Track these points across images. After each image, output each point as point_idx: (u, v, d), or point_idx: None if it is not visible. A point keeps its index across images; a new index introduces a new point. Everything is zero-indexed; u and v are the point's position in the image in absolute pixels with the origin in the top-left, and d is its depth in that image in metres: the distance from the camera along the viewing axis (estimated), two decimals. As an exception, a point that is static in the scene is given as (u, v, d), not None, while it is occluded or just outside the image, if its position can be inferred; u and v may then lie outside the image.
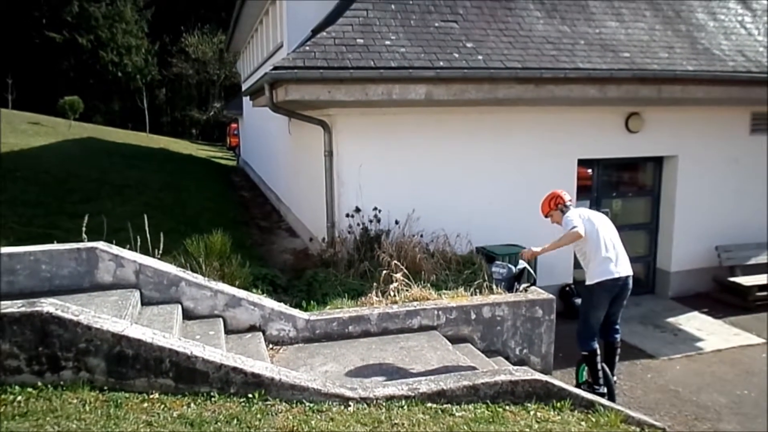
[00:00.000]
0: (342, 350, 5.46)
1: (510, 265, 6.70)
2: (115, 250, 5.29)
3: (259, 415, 3.67)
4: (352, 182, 7.76)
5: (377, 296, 6.15)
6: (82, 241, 5.50)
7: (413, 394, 4.20)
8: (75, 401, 3.50)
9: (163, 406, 3.62)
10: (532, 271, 6.75)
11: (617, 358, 5.79)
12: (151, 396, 3.71)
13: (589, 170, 9.40)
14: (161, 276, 5.31)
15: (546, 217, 5.85)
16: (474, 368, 5.14)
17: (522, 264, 6.69)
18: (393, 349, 5.50)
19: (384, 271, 6.42)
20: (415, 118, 8.00)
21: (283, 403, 3.89)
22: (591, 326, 5.53)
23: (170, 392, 3.78)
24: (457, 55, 7.54)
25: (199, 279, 5.47)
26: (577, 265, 9.17)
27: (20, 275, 5.05)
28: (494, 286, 6.47)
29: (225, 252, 6.05)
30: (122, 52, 41.59)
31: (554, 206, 5.73)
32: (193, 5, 44.21)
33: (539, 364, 6.36)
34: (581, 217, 5.45)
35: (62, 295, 4.74)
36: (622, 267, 5.43)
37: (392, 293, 6.19)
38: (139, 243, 5.84)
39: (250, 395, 3.87)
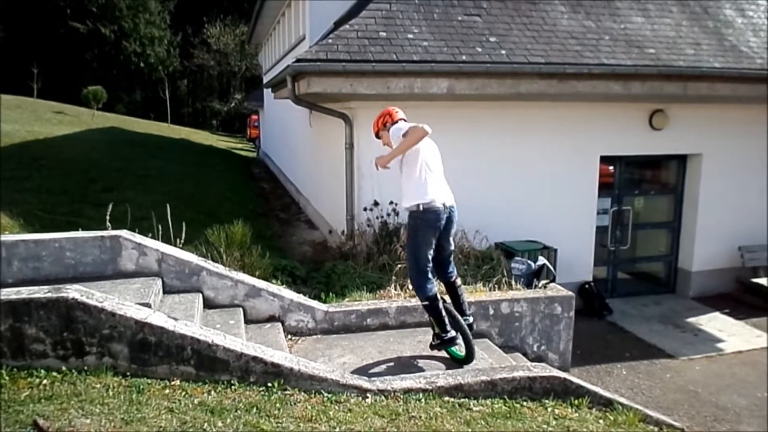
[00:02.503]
0: (360, 342, 5.48)
1: (529, 261, 6.71)
2: (138, 238, 5.36)
3: (278, 404, 3.71)
4: (372, 175, 7.75)
5: (396, 290, 6.16)
6: (105, 229, 5.58)
7: (431, 388, 4.22)
8: (98, 386, 3.56)
9: (184, 393, 3.67)
10: (551, 268, 6.75)
11: (463, 296, 5.13)
12: (173, 383, 3.77)
13: (611, 167, 9.31)
14: (183, 265, 5.37)
15: (377, 137, 5.20)
16: (492, 363, 5.14)
17: (541, 260, 6.69)
18: (411, 342, 5.51)
19: (402, 265, 6.42)
20: (436, 113, 7.97)
21: (302, 393, 3.93)
22: (422, 266, 4.74)
23: (191, 379, 3.83)
24: (479, 50, 7.51)
25: (219, 269, 5.52)
26: (597, 262, 9.17)
27: (45, 262, 5.14)
28: (513, 282, 6.45)
29: (245, 242, 6.10)
30: (145, 43, 41.97)
31: (382, 125, 5.08)
32: (215, -4, 44.45)
33: (557, 361, 6.33)
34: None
35: (86, 282, 4.82)
36: (445, 195, 4.79)
37: (410, 287, 6.18)
38: (161, 232, 5.91)
39: (269, 384, 3.91)
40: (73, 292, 3.69)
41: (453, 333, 4.82)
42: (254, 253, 6.11)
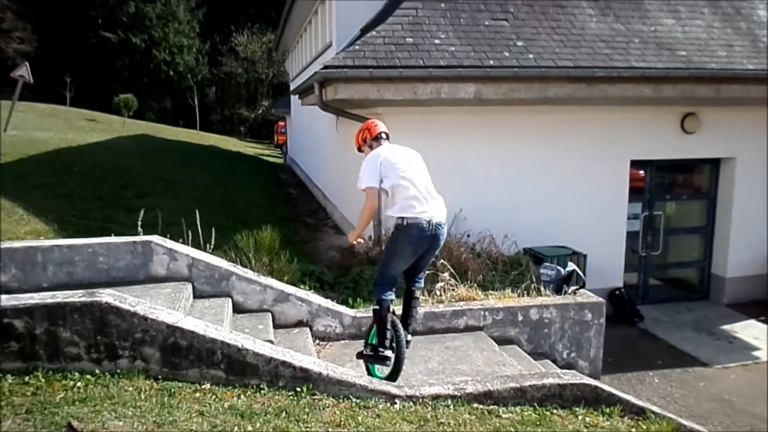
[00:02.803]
0: (388, 348, 5.47)
1: (559, 267, 6.64)
2: (169, 243, 5.44)
3: (307, 409, 3.72)
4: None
5: (423, 295, 6.13)
6: (137, 234, 5.68)
7: (459, 394, 4.19)
8: (131, 389, 3.62)
9: (214, 396, 3.71)
10: (581, 274, 6.67)
11: (415, 311, 4.87)
12: (203, 386, 3.80)
13: (642, 171, 9.17)
14: (213, 270, 5.43)
15: (360, 151, 4.84)
16: (521, 370, 5.10)
17: (571, 266, 6.62)
18: (439, 348, 5.49)
19: (431, 271, 6.41)
20: (463, 118, 7.96)
21: (331, 398, 3.93)
22: (390, 277, 4.56)
23: (221, 383, 3.86)
24: (507, 54, 7.47)
25: (249, 274, 5.57)
26: (627, 268, 9.03)
27: (79, 266, 5.25)
28: (542, 288, 6.39)
29: (274, 248, 6.14)
30: (174, 52, 42.69)
31: (362, 141, 4.77)
32: (243, 5, 45.02)
33: (587, 368, 6.25)
34: (380, 162, 4.44)
35: (118, 287, 4.90)
36: (431, 212, 4.48)
37: (438, 293, 6.18)
38: (191, 237, 5.99)
39: (298, 389, 3.92)
40: (107, 296, 3.75)
41: (389, 354, 4.44)
42: (282, 258, 6.15)
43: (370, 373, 4.65)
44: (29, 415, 3.21)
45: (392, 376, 4.54)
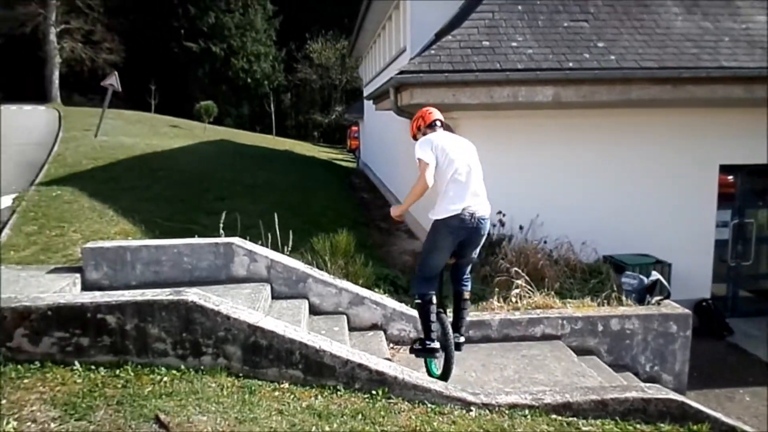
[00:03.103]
0: (462, 354, 5.36)
1: (641, 276, 6.39)
2: (249, 245, 5.60)
3: (382, 412, 3.73)
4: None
5: (498, 302, 6.04)
6: (219, 236, 5.88)
7: (537, 405, 4.09)
8: (213, 385, 3.73)
9: (292, 396, 3.77)
10: (666, 284, 6.39)
11: (465, 312, 4.80)
12: (282, 385, 3.88)
13: (731, 177, 8.69)
14: (290, 272, 5.54)
15: (414, 140, 4.75)
16: (601, 382, 4.93)
17: (655, 275, 6.35)
18: (514, 356, 5.39)
19: (505, 277, 6.31)
20: (540, 121, 7.81)
21: (406, 403, 3.92)
22: (429, 270, 4.56)
23: (299, 383, 3.93)
24: (587, 56, 7.28)
25: (325, 276, 5.66)
26: (715, 278, 8.57)
27: (165, 266, 5.49)
28: (623, 298, 6.15)
29: (349, 251, 6.21)
30: (252, 60, 44.02)
31: (416, 129, 4.75)
32: (318, 13, 45.92)
33: (671, 382, 5.96)
34: (434, 144, 4.41)
35: (201, 286, 5.06)
36: (474, 204, 4.39)
37: (514, 299, 6.06)
38: (269, 240, 6.14)
39: (373, 392, 3.93)
40: (192, 295, 3.89)
41: (435, 345, 4.48)
42: (357, 261, 6.21)
43: (429, 371, 4.70)
44: (120, 406, 3.37)
45: (444, 376, 4.52)
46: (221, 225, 6.08)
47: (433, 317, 4.51)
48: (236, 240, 5.60)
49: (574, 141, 7.89)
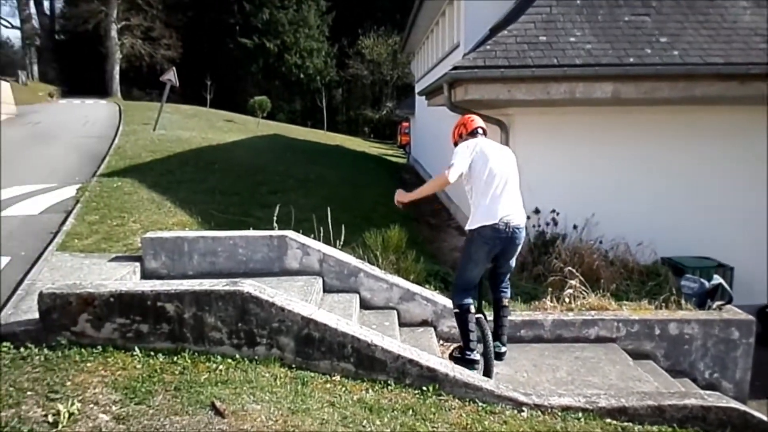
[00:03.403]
0: (513, 353, 5.33)
1: (702, 280, 6.18)
2: (302, 239, 5.66)
3: (433, 409, 3.71)
4: (527, 183, 7.55)
5: (552, 302, 5.94)
6: (272, 228, 5.97)
7: (591, 408, 4.00)
8: (267, 375, 3.79)
9: (344, 388, 3.80)
10: (728, 288, 6.15)
11: (505, 320, 4.71)
12: (333, 378, 3.91)
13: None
14: (342, 266, 5.58)
15: (456, 146, 4.69)
16: (657, 387, 4.79)
17: (716, 279, 6.13)
18: (567, 358, 5.28)
19: (559, 277, 6.19)
20: (597, 119, 7.63)
21: (456, 400, 3.90)
22: (466, 281, 4.53)
23: (350, 376, 3.95)
24: (649, 51, 7.07)
25: (376, 271, 5.67)
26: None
27: (221, 257, 5.60)
28: (683, 302, 5.95)
29: (401, 247, 6.21)
30: (304, 55, 44.56)
31: (458, 137, 4.71)
32: (370, 9, 46.08)
33: (732, 390, 5.73)
34: (474, 150, 4.39)
35: (255, 278, 5.15)
36: (509, 214, 4.33)
37: (567, 300, 5.94)
38: (321, 233, 6.20)
39: (424, 388, 3.92)
40: (248, 286, 3.96)
41: (475, 356, 4.43)
42: (409, 257, 6.21)
43: None
44: (177, 392, 3.46)
45: None
46: (275, 218, 6.17)
47: (472, 326, 4.47)
48: (290, 233, 5.67)
49: (633, 139, 7.67)
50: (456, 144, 4.71)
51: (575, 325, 5.63)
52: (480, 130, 4.67)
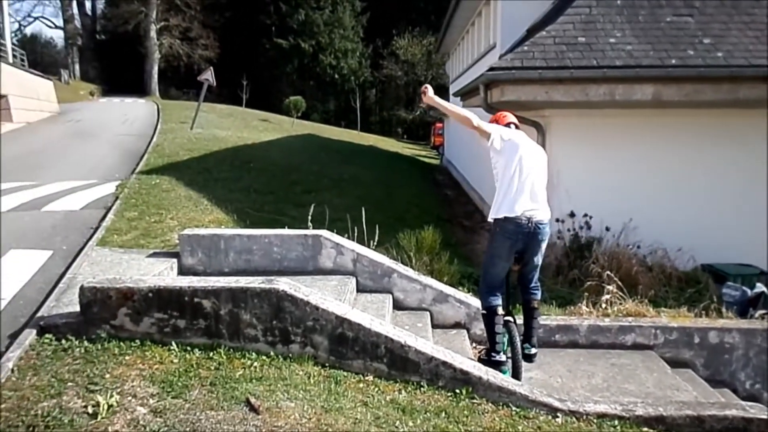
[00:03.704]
0: (547, 358, 5.27)
1: (744, 288, 6.02)
2: (336, 238, 5.67)
3: (466, 412, 3.68)
4: (564, 186, 7.47)
5: (588, 307, 5.84)
6: (307, 228, 6.00)
7: (628, 416, 3.91)
8: (301, 373, 3.81)
9: (377, 389, 3.79)
10: (772, 297, 5.98)
11: (535, 322, 4.67)
12: (366, 378, 3.91)
13: None
14: (376, 266, 5.58)
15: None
16: (696, 397, 4.67)
17: (760, 287, 5.96)
18: (603, 364, 5.19)
19: (595, 281, 6.09)
20: (636, 121, 7.49)
21: (489, 404, 3.86)
22: (491, 278, 4.50)
23: (383, 377, 3.94)
24: (691, 52, 6.92)
25: (409, 272, 5.65)
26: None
27: (256, 255, 5.65)
28: (723, 309, 5.80)
29: (434, 248, 6.19)
30: (339, 56, 44.81)
31: None
32: (405, 10, 46.08)
33: (774, 402, 5.57)
34: (508, 137, 4.42)
35: (289, 276, 5.17)
36: (532, 208, 4.30)
37: (604, 305, 5.84)
38: (355, 233, 6.21)
39: (457, 390, 3.89)
40: (283, 284, 3.98)
41: (501, 358, 4.43)
42: (442, 259, 6.18)
43: None
44: (213, 387, 3.50)
45: None
46: (310, 218, 6.21)
47: (499, 328, 4.45)
48: (324, 232, 5.69)
49: (673, 142, 7.51)
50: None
51: (611, 331, 5.53)
52: (513, 125, 4.67)
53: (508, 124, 4.66)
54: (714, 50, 6.99)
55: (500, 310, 4.47)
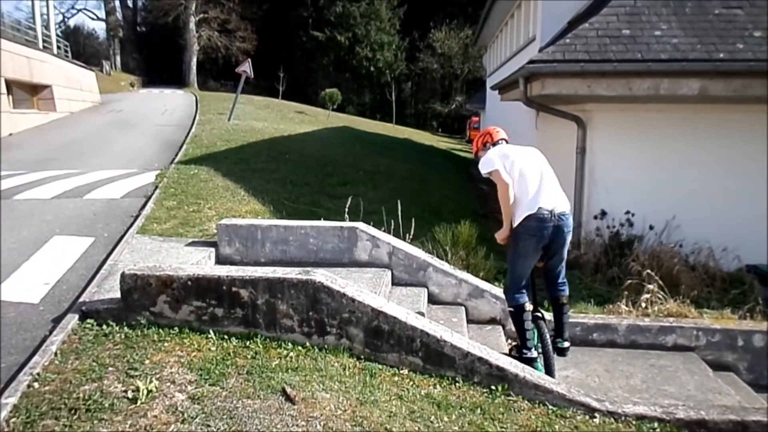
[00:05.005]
0: (584, 357, 5.20)
1: (792, 290, 5.80)
2: (372, 231, 5.67)
3: (501, 409, 3.64)
4: (604, 182, 7.33)
5: (627, 306, 5.71)
6: (342, 220, 6.01)
7: (668, 418, 3.82)
8: (336, 365, 3.81)
9: (411, 382, 3.78)
10: (822, 300, 5.76)
11: (565, 317, 4.64)
12: (401, 371, 3.89)
13: None
14: (411, 260, 5.56)
15: (476, 157, 4.88)
16: (739, 401, 4.54)
17: (809, 290, 5.75)
18: (642, 365, 5.08)
19: (636, 280, 5.96)
20: (681, 116, 7.29)
21: (525, 402, 3.81)
22: (518, 278, 4.50)
23: (418, 371, 3.92)
24: (741, 46, 6.70)
25: (445, 266, 5.62)
26: None
27: (292, 246, 5.69)
28: (770, 312, 5.62)
29: (471, 243, 6.13)
30: (375, 48, 44.77)
31: (482, 145, 4.79)
32: (442, 2, 45.75)
33: (821, 409, 5.37)
34: (500, 155, 4.47)
35: (324, 267, 5.18)
36: (550, 201, 4.33)
37: (644, 305, 5.71)
38: (392, 226, 6.19)
39: (492, 387, 3.85)
40: (320, 276, 3.99)
41: (533, 354, 4.40)
42: (479, 254, 6.12)
43: None
44: (249, 376, 3.53)
45: None
46: (346, 210, 6.21)
47: (528, 324, 4.46)
48: (360, 225, 5.68)
49: (718, 137, 7.29)
50: (477, 153, 4.88)
51: (651, 331, 5.41)
52: (504, 142, 4.73)
53: (499, 140, 4.72)
54: (765, 44, 6.74)
55: (528, 306, 4.49)
